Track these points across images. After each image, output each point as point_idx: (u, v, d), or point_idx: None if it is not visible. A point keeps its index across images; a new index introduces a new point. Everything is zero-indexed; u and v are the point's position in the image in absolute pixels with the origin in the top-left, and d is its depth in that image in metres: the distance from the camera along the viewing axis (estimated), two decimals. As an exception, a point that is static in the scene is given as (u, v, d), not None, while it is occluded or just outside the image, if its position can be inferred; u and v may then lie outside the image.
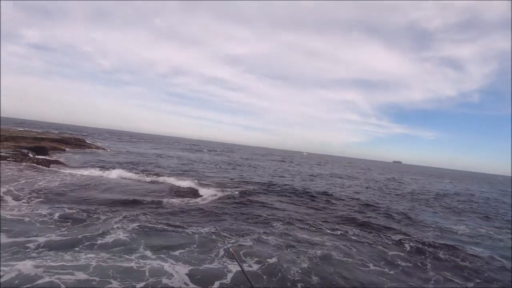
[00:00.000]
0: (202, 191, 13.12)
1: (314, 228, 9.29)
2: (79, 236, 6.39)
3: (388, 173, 53.93)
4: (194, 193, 12.68)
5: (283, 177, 24.34)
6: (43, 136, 27.28)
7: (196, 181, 15.70)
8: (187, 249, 6.44)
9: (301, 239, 8.01)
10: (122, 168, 16.99)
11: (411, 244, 8.54)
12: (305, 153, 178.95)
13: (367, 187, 23.58)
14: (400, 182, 33.20)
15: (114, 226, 7.24)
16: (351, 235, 8.91)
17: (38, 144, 25.35)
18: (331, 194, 16.56)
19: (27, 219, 7.23)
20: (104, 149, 30.41)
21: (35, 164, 15.34)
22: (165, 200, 10.68)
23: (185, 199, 11.25)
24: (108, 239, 6.44)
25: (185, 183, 14.43)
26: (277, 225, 9.11)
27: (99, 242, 6.24)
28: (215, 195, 12.49)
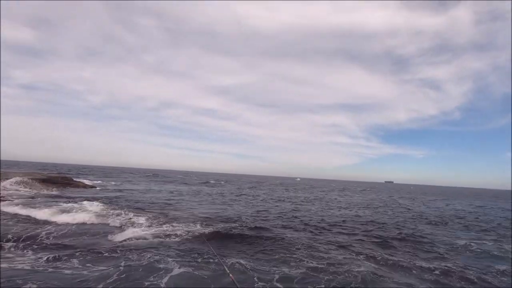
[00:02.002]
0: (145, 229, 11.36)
1: None
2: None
3: (399, 194, 53.91)
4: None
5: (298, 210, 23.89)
6: (29, 177, 26.76)
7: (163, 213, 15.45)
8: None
9: None
10: (100, 204, 16.68)
11: None
12: (298, 179, 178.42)
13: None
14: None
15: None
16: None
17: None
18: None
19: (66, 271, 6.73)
20: (92, 186, 29.90)
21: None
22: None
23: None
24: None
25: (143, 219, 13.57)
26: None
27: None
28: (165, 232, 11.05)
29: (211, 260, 7.98)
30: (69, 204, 16.28)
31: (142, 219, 13.42)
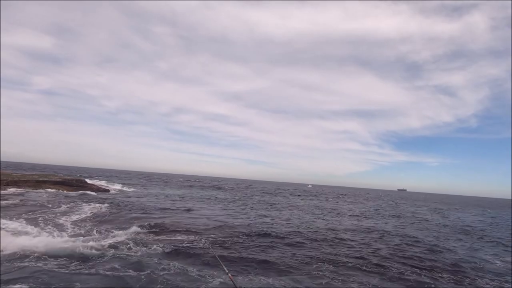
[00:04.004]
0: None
1: None
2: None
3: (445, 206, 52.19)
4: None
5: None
6: (45, 179, 27.24)
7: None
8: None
9: None
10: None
11: None
12: (309, 185, 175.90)
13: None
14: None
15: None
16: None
17: (39, 187, 25.24)
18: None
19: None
20: (106, 190, 30.10)
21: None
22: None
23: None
24: None
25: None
26: None
27: None
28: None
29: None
30: (64, 207, 15.66)
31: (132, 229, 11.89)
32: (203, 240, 10.84)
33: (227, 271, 3.65)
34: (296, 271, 8.10)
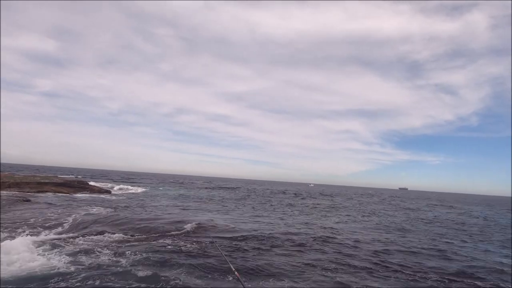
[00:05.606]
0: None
1: None
2: None
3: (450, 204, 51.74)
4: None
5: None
6: (47, 181, 27.35)
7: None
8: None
9: None
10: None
11: None
12: (311, 184, 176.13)
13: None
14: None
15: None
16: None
17: (41, 189, 25.32)
18: None
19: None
20: (107, 191, 30.17)
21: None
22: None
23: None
24: None
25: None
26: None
27: None
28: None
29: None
30: (53, 210, 15.06)
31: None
32: (208, 242, 10.56)
33: (234, 269, 3.58)
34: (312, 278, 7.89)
